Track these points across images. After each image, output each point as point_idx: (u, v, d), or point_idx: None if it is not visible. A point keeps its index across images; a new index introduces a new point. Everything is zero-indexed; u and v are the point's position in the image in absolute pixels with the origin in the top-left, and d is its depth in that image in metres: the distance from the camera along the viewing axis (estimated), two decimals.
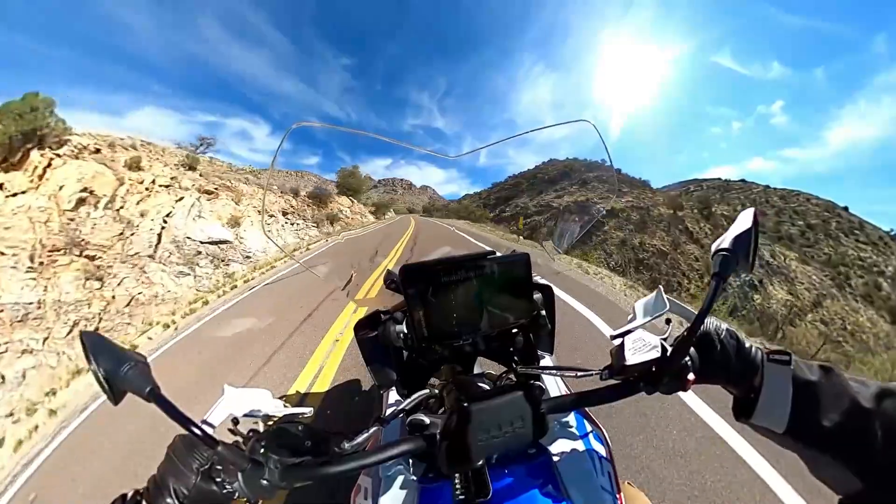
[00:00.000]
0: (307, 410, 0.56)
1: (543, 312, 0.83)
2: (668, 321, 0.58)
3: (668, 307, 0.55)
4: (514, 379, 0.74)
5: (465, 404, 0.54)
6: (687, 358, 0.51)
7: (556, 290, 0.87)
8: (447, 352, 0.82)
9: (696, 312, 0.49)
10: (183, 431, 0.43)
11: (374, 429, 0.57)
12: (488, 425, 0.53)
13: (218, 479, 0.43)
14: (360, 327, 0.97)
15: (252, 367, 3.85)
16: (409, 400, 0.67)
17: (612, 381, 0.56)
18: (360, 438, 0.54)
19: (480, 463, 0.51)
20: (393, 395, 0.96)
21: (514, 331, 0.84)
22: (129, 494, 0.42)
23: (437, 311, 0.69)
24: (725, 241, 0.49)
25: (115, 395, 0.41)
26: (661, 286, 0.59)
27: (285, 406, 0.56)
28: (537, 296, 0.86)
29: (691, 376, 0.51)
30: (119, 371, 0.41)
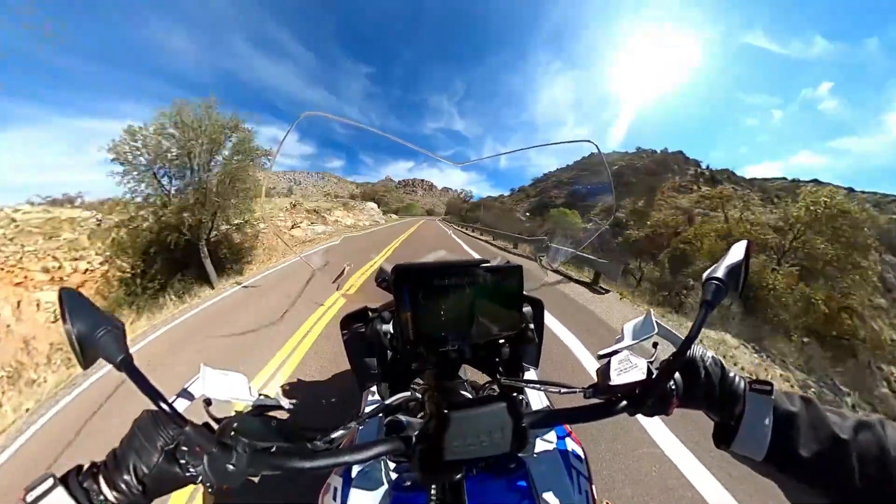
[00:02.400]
0: (284, 401, 0.54)
1: (532, 326, 0.83)
2: (655, 345, 0.58)
3: (656, 330, 0.56)
4: (498, 389, 0.74)
5: (446, 410, 0.53)
6: (671, 382, 0.52)
7: None
8: (432, 356, 0.81)
9: (684, 339, 0.50)
10: (152, 406, 0.41)
11: (351, 426, 0.56)
12: (467, 434, 0.52)
13: (182, 461, 0.41)
14: (346, 322, 0.96)
15: None
16: (388, 400, 0.65)
17: (595, 400, 0.57)
18: (334, 434, 0.53)
19: (459, 476, 0.50)
20: (373, 395, 0.94)
21: (501, 341, 0.84)
22: (86, 467, 0.40)
23: (426, 314, 0.68)
24: (718, 270, 0.50)
25: (86, 359, 0.39)
26: (650, 309, 0.60)
27: (261, 394, 0.54)
28: (527, 309, 0.86)
29: (675, 401, 0.52)
30: (93, 334, 0.39)
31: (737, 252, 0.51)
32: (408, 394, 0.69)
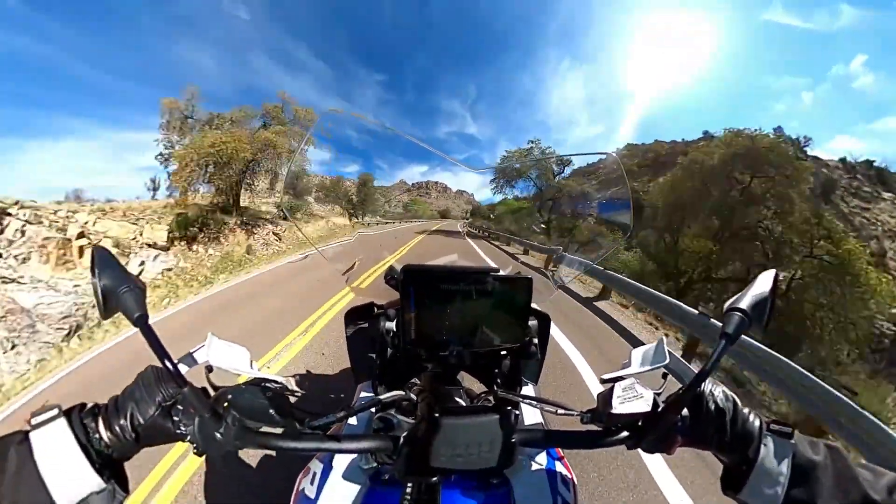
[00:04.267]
0: (280, 380, 0.55)
1: (536, 341, 0.81)
2: (664, 375, 0.55)
3: (667, 360, 0.53)
4: (493, 401, 0.72)
5: (437, 415, 0.53)
6: (678, 418, 0.48)
7: None
8: (431, 359, 0.80)
9: (697, 372, 0.47)
10: (158, 363, 0.43)
11: (340, 415, 0.56)
12: (455, 442, 0.51)
13: (175, 418, 0.43)
14: (351, 315, 0.96)
15: None
16: (382, 396, 0.65)
17: (593, 427, 0.54)
18: (324, 421, 0.53)
19: (436, 479, 0.49)
20: (368, 390, 0.94)
21: (503, 353, 0.82)
22: (89, 406, 0.42)
23: (430, 316, 0.68)
24: (742, 300, 0.46)
25: (107, 311, 0.41)
26: (663, 337, 0.57)
27: (260, 370, 0.55)
28: (533, 322, 0.84)
29: (679, 440, 0.48)
30: (117, 290, 0.41)
31: (764, 282, 0.46)
32: (402, 393, 0.67)
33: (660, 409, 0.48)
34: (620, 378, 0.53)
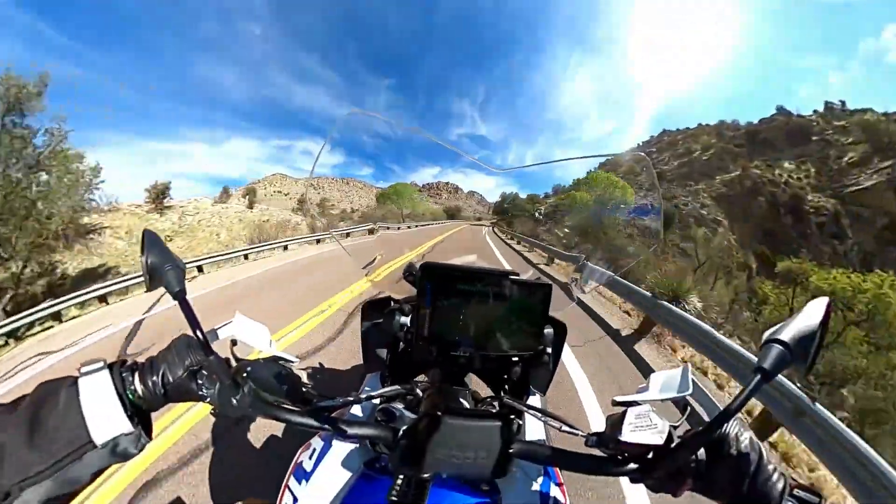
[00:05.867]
0: (295, 360, 0.59)
1: (549, 350, 0.78)
2: (685, 407, 0.51)
3: (690, 390, 0.48)
4: (497, 407, 0.70)
5: (440, 413, 0.53)
6: (693, 458, 0.44)
7: None
8: (441, 357, 0.80)
9: (722, 409, 0.42)
10: (190, 333, 0.48)
11: (346, 400, 0.58)
12: (452, 443, 0.51)
13: (199, 382, 0.48)
14: (368, 307, 0.98)
15: None
16: (388, 388, 0.66)
17: (597, 452, 0.51)
18: (329, 403, 0.56)
19: (427, 475, 0.49)
20: (375, 382, 0.95)
21: (514, 359, 0.80)
22: (129, 362, 0.48)
23: (444, 315, 0.68)
24: (784, 331, 0.40)
25: (152, 285, 0.48)
26: (688, 364, 0.52)
27: (278, 349, 0.60)
28: (549, 330, 0.81)
29: (689, 482, 0.45)
30: (162, 267, 0.47)
31: (814, 311, 0.40)
32: (408, 387, 0.69)
33: (673, 445, 0.44)
34: (635, 403, 0.50)
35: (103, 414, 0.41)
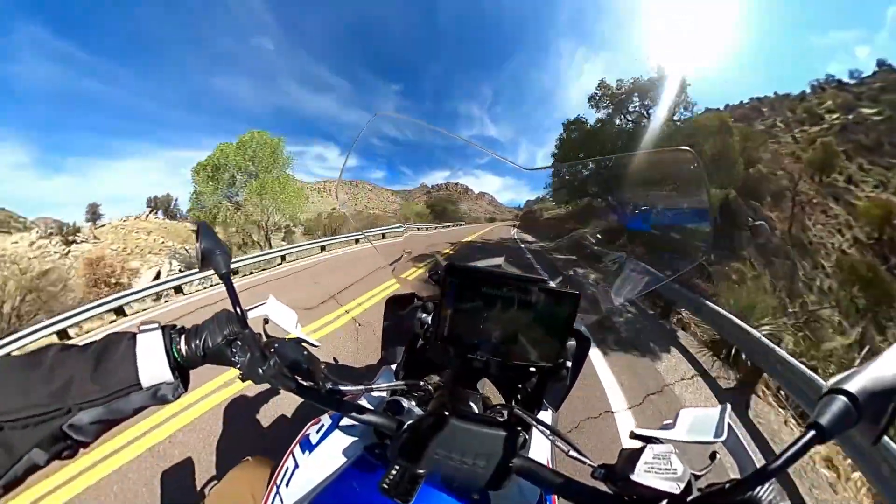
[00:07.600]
0: (317, 344, 0.66)
1: (569, 365, 0.73)
2: (713, 455, 0.45)
3: (724, 437, 0.42)
4: (506, 416, 0.68)
5: (446, 413, 0.53)
6: None
7: None
8: (457, 358, 0.79)
9: (759, 466, 0.36)
10: (230, 309, 0.56)
11: (360, 388, 0.63)
12: (453, 446, 0.51)
13: (233, 350, 0.55)
14: (392, 301, 1.00)
15: None
16: (400, 382, 0.68)
17: (602, 487, 0.46)
18: (344, 388, 0.61)
19: (422, 472, 0.49)
20: (390, 375, 0.97)
21: (531, 369, 0.77)
22: (178, 326, 0.56)
23: (465, 317, 0.67)
24: (851, 381, 0.32)
25: (203, 266, 0.56)
26: (728, 404, 0.45)
27: (303, 332, 0.67)
28: (571, 343, 0.76)
29: None
30: (213, 252, 0.55)
31: (892, 360, 0.32)
32: (420, 383, 0.70)
33: (691, 498, 0.38)
34: (656, 440, 0.45)
35: (151, 364, 0.49)
